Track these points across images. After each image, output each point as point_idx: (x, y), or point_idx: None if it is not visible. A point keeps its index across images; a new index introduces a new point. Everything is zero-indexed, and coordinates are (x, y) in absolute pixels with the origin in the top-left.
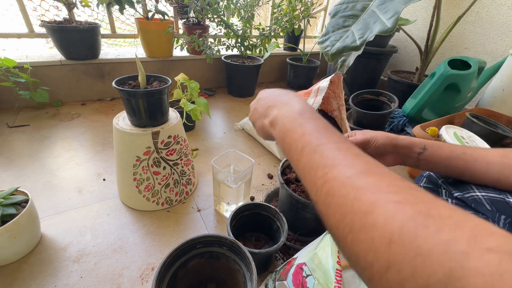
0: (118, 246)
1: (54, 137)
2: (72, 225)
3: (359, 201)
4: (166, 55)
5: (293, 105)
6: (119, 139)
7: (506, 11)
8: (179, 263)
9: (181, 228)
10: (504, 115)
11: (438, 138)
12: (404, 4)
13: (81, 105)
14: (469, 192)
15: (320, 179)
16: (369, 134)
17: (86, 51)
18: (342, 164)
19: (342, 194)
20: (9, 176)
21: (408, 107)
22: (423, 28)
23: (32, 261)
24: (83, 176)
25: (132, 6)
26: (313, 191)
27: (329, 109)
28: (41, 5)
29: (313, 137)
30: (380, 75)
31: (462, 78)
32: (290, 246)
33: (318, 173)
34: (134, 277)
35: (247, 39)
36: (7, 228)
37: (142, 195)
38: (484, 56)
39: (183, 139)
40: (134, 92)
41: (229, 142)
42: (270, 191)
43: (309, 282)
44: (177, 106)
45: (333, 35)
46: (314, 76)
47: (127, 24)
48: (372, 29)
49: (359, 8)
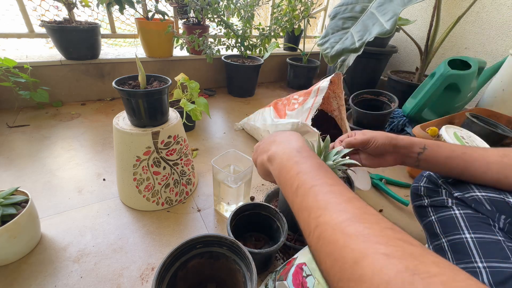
0: (118, 246)
1: (54, 137)
2: (72, 225)
3: (349, 249)
4: (166, 55)
5: (291, 142)
6: (119, 139)
7: (506, 11)
8: (179, 263)
9: (181, 228)
10: (504, 115)
11: (438, 138)
12: (403, 6)
13: (81, 105)
14: (469, 192)
15: (313, 222)
16: (369, 134)
17: (86, 51)
18: (335, 209)
19: (333, 240)
20: (9, 176)
21: (408, 107)
22: (423, 28)
23: (32, 261)
24: (83, 176)
25: (132, 6)
26: (306, 232)
27: (329, 109)
28: (41, 5)
29: (308, 176)
30: (380, 75)
31: (462, 78)
32: (290, 246)
33: (311, 215)
34: (134, 277)
35: (247, 39)
36: (7, 228)
37: (142, 195)
38: (484, 56)
39: (183, 139)
40: (134, 92)
41: (229, 142)
42: (270, 191)
43: (309, 282)
44: (177, 106)
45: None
46: (314, 76)
47: (127, 24)
48: (371, 31)
49: (358, 10)
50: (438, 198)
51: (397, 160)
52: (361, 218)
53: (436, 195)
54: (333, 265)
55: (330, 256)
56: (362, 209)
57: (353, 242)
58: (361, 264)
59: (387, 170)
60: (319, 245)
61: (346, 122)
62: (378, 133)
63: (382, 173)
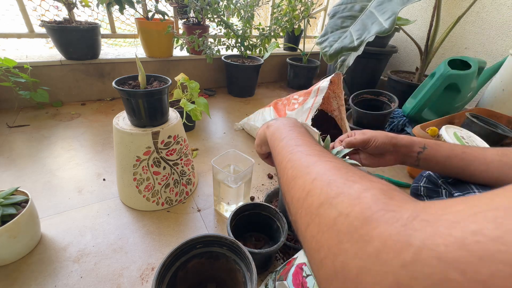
0: (118, 246)
1: (54, 137)
2: (72, 225)
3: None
4: (166, 55)
5: (291, 119)
6: (119, 139)
7: (506, 11)
8: (179, 263)
9: (181, 228)
10: (504, 115)
11: (438, 138)
12: (402, 4)
13: (81, 105)
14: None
15: (286, 160)
16: (369, 134)
17: (86, 51)
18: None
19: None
20: (9, 176)
21: (408, 107)
22: (423, 28)
23: (32, 261)
24: (83, 176)
25: (132, 6)
26: (280, 171)
27: (329, 109)
28: (41, 5)
29: (293, 135)
30: (380, 75)
31: (462, 78)
32: (290, 246)
33: (285, 157)
34: (134, 277)
35: (247, 39)
36: (7, 228)
37: (142, 195)
38: (484, 56)
39: (183, 139)
40: (134, 92)
41: (229, 142)
42: (270, 191)
43: (309, 282)
44: (177, 106)
45: (332, 35)
46: (314, 76)
47: (127, 24)
48: (370, 30)
49: (358, 9)
50: (438, 198)
51: (397, 160)
52: (313, 152)
53: (436, 195)
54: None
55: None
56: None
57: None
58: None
59: (387, 170)
60: (288, 178)
61: (346, 122)
62: (378, 133)
63: (382, 173)
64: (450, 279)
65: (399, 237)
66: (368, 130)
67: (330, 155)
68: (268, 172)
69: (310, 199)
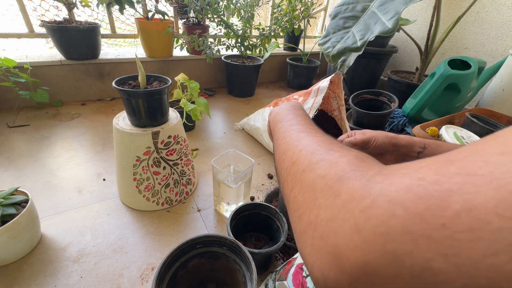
0: (118, 246)
1: (54, 137)
2: (72, 225)
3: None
4: (166, 55)
5: (290, 103)
6: (119, 139)
7: (506, 11)
8: (179, 263)
9: (181, 228)
10: (504, 115)
11: (438, 138)
12: (405, 4)
13: (81, 105)
14: None
15: (278, 133)
16: (369, 134)
17: (86, 51)
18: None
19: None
20: (9, 176)
21: (408, 107)
22: (423, 28)
23: (32, 261)
24: (83, 176)
25: (132, 6)
26: (275, 145)
27: (329, 109)
28: (41, 5)
29: (292, 116)
30: (380, 75)
31: (462, 78)
32: (290, 246)
33: (280, 135)
34: (134, 277)
35: (247, 39)
36: (7, 228)
37: (142, 195)
38: (484, 56)
39: (183, 139)
40: (134, 92)
41: (229, 142)
42: (270, 191)
43: (309, 282)
44: (177, 106)
45: (334, 36)
46: (314, 76)
47: (127, 24)
48: (373, 30)
49: (360, 9)
50: None
51: (397, 160)
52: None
53: None
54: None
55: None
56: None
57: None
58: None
59: None
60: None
61: (346, 122)
62: (378, 133)
63: None
64: (395, 215)
65: (363, 189)
66: (368, 130)
67: (320, 132)
68: (268, 172)
69: (296, 167)
